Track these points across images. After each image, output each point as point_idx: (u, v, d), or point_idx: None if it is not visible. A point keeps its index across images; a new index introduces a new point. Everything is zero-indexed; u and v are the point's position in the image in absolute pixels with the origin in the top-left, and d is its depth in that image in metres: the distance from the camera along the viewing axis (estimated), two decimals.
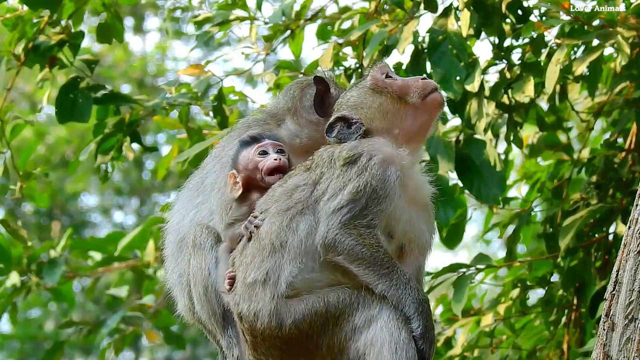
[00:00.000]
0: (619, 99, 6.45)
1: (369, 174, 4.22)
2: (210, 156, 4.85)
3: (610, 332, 4.03)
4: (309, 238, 4.23)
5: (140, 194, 20.79)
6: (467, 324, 6.48)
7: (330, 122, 4.46)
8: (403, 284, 4.15)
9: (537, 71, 5.82)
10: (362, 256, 4.15)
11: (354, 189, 4.19)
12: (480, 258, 6.15)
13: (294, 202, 4.29)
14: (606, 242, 6.31)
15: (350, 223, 4.17)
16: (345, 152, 4.30)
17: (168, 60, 20.69)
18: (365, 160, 4.26)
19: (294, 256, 4.21)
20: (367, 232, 4.17)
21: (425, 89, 4.39)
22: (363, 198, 4.19)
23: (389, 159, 4.28)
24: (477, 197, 5.97)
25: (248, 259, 4.29)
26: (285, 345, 4.22)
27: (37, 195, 6.81)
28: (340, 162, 4.28)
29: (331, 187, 4.25)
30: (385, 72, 4.50)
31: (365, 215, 4.18)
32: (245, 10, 6.49)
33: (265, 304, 4.20)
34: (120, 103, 6.51)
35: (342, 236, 4.16)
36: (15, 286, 7.08)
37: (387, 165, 4.26)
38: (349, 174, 4.24)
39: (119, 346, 7.62)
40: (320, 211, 4.22)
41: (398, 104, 4.40)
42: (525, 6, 5.89)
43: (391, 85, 4.45)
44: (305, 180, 4.33)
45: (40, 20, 6.33)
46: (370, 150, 4.29)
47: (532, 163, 6.95)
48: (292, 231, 4.25)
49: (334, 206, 4.19)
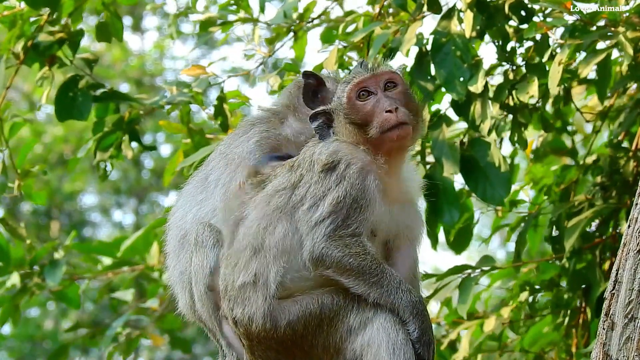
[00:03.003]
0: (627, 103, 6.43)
1: (347, 182, 4.22)
2: (215, 152, 4.85)
3: (610, 331, 4.03)
4: (286, 239, 4.23)
5: (139, 193, 20.78)
6: (471, 326, 6.47)
7: (315, 112, 4.45)
8: (394, 288, 4.16)
9: (541, 72, 5.80)
10: (350, 267, 4.15)
11: (334, 200, 4.20)
12: (485, 260, 6.15)
13: (271, 209, 4.29)
14: (612, 243, 6.29)
15: (335, 234, 4.18)
16: (325, 157, 4.30)
17: (166, 59, 20.71)
18: (344, 167, 4.25)
19: (275, 256, 4.22)
20: (352, 241, 4.18)
21: (384, 125, 4.30)
22: (344, 208, 4.19)
23: (367, 166, 4.27)
24: (482, 199, 5.96)
25: (233, 261, 4.30)
26: (280, 347, 4.23)
27: (34, 193, 6.78)
28: (319, 167, 4.29)
29: (310, 194, 4.25)
30: (359, 91, 4.39)
31: (348, 225, 4.19)
32: (247, 12, 6.47)
33: (259, 307, 4.21)
34: (119, 101, 6.50)
35: (329, 249, 4.17)
36: (16, 287, 7.06)
37: (365, 174, 4.26)
38: (327, 181, 4.25)
39: (125, 350, 7.61)
40: (300, 221, 4.23)
41: (360, 130, 4.35)
42: (529, 7, 5.87)
43: (357, 111, 4.36)
44: (285, 183, 4.33)
45: (39, 19, 6.30)
46: (348, 158, 4.28)
47: (538, 168, 6.92)
48: (268, 233, 4.25)
49: (315, 219, 4.20)
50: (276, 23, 6.38)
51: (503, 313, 6.46)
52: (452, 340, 6.58)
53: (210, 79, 6.34)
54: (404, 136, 4.32)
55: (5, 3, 6.31)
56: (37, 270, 7.11)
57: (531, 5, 5.84)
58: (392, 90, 4.38)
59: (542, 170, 6.79)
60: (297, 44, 6.52)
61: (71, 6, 6.31)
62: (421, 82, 5.84)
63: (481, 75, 5.71)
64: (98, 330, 7.59)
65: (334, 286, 4.22)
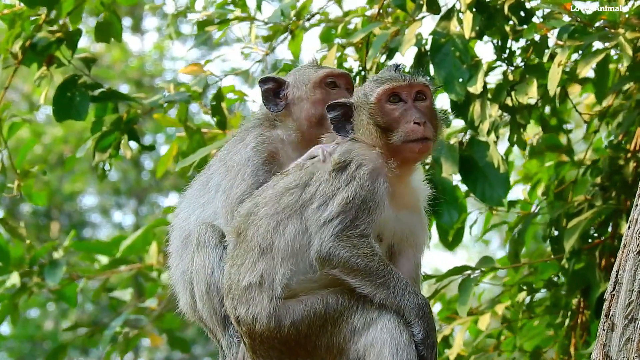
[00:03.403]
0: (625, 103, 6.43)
1: (357, 183, 4.22)
2: (215, 158, 4.91)
3: (610, 332, 4.03)
4: (295, 241, 4.23)
5: (138, 194, 20.80)
6: (464, 322, 6.47)
7: (334, 102, 4.44)
8: (401, 290, 4.16)
9: (540, 73, 5.80)
10: (357, 267, 4.15)
11: (344, 200, 4.19)
12: (485, 260, 6.15)
13: (282, 206, 4.28)
14: (611, 244, 6.29)
15: (343, 234, 4.17)
16: (337, 156, 4.30)
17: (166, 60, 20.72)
18: (354, 168, 4.25)
19: (283, 258, 4.21)
20: (360, 241, 4.18)
21: (409, 135, 4.30)
22: (353, 209, 4.19)
23: (378, 169, 4.27)
24: (481, 199, 5.97)
25: (239, 261, 4.29)
26: (284, 346, 4.22)
27: (34, 194, 6.78)
28: (331, 165, 4.29)
29: (320, 193, 4.25)
30: (390, 95, 4.38)
31: (357, 226, 4.18)
32: (244, 11, 6.47)
33: (264, 307, 4.20)
34: (117, 101, 6.50)
35: (336, 249, 4.16)
36: (16, 286, 7.06)
37: (375, 176, 4.25)
38: (337, 181, 4.24)
39: (123, 349, 7.61)
40: (310, 219, 4.23)
41: (382, 134, 4.34)
42: (528, 8, 5.86)
43: (385, 114, 4.35)
44: (296, 181, 4.33)
45: (37, 18, 6.30)
46: (360, 159, 4.28)
47: (533, 164, 6.93)
48: (278, 234, 4.25)
49: (324, 218, 4.19)
50: (273, 22, 6.37)
51: (497, 310, 6.46)
52: (445, 336, 6.59)
53: (208, 78, 6.34)
54: (424, 151, 4.35)
55: (5, 1, 6.31)
56: (37, 270, 7.12)
57: (530, 6, 5.83)
58: (421, 102, 4.38)
59: (537, 166, 6.80)
60: (293, 43, 6.52)
61: (70, 6, 6.31)
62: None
63: (480, 76, 5.70)
64: (97, 330, 7.59)
65: (339, 287, 4.21)
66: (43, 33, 6.31)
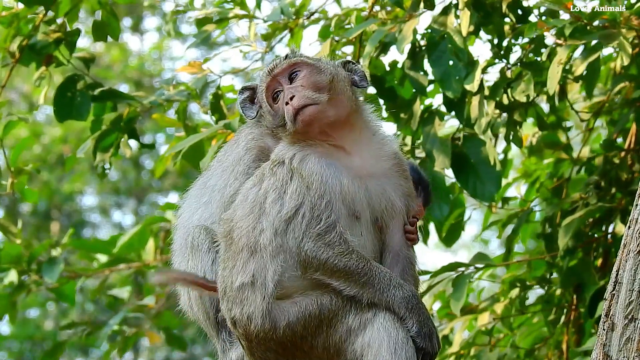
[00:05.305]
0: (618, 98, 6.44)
1: (297, 174, 4.22)
2: (215, 159, 4.95)
3: (610, 332, 4.03)
4: (275, 237, 4.20)
5: (138, 194, 20.81)
6: (464, 321, 6.47)
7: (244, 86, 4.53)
8: (386, 285, 4.14)
9: (537, 70, 5.79)
10: (337, 268, 4.14)
11: (293, 193, 4.19)
12: (480, 257, 6.14)
13: (249, 206, 4.29)
14: (605, 242, 6.29)
15: (312, 232, 4.15)
16: (272, 156, 4.35)
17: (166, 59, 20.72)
18: (288, 161, 4.26)
19: (271, 256, 4.20)
20: (332, 238, 4.15)
21: (289, 118, 4.27)
22: (306, 202, 4.17)
23: (308, 154, 4.25)
24: (472, 195, 5.96)
25: (230, 264, 4.29)
26: (280, 348, 4.22)
27: (27, 191, 6.77)
28: (271, 164, 4.33)
29: (271, 188, 4.25)
30: (272, 95, 4.42)
31: (319, 218, 4.16)
32: (244, 9, 6.47)
33: (257, 306, 4.18)
34: (117, 100, 6.50)
35: (312, 251, 4.15)
36: (14, 284, 7.06)
37: (307, 161, 4.23)
38: (280, 176, 4.25)
39: (122, 347, 7.60)
40: (270, 215, 4.22)
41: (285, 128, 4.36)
42: (525, 6, 5.86)
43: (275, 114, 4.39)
44: (254, 179, 4.37)
45: (35, 18, 6.29)
46: (291, 152, 4.29)
47: (531, 161, 6.94)
48: (258, 231, 4.24)
49: (284, 216, 4.18)
50: (273, 20, 6.37)
51: (496, 309, 6.46)
52: (445, 335, 6.58)
53: (206, 76, 6.35)
54: (309, 118, 4.25)
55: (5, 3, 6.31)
56: (35, 268, 7.12)
57: (528, 4, 5.83)
58: (296, 79, 4.35)
59: (536, 164, 6.81)
60: (292, 41, 6.51)
61: (67, 5, 6.31)
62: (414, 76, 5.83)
63: (477, 73, 5.69)
64: (95, 328, 7.58)
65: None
66: (41, 33, 6.30)
